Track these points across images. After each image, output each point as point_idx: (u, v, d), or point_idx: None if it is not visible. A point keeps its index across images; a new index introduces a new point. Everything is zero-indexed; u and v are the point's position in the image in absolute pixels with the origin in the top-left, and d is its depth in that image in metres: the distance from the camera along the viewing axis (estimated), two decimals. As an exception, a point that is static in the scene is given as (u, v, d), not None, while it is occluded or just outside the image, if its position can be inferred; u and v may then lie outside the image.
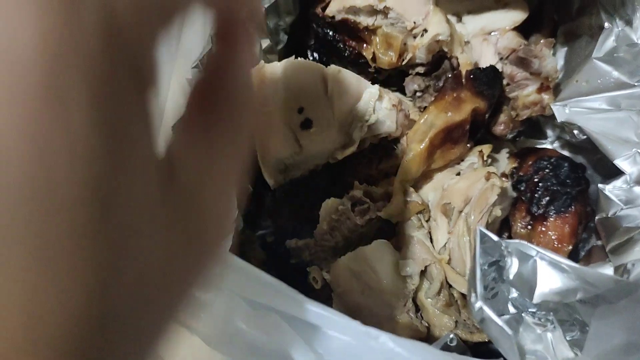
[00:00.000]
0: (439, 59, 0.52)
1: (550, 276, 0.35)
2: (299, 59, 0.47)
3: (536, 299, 0.36)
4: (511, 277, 0.35)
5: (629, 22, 0.47)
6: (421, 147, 0.47)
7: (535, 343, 0.35)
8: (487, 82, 0.50)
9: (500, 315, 0.35)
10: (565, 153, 0.55)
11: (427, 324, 0.45)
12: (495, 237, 0.35)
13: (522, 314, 0.37)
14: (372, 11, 0.51)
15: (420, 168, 0.48)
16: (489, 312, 0.32)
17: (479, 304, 0.33)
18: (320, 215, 0.48)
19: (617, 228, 0.44)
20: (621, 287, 0.34)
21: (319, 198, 0.50)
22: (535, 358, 0.34)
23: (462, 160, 0.50)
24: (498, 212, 0.45)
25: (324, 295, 0.48)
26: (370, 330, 0.32)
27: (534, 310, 0.37)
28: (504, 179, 0.47)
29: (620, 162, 0.45)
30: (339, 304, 0.47)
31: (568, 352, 0.35)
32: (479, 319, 0.34)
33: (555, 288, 0.36)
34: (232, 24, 0.24)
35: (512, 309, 0.38)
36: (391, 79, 0.56)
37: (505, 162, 0.53)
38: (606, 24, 0.49)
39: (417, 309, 0.46)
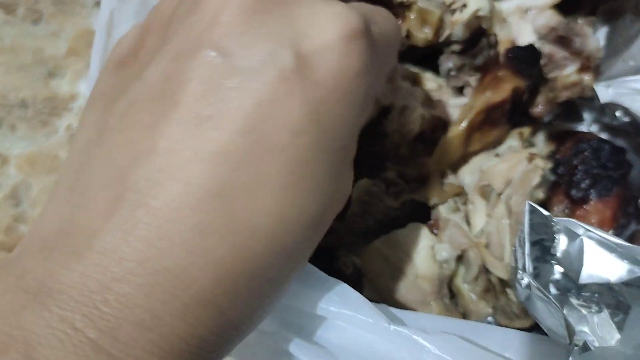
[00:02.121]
0: (476, 36, 0.53)
1: (598, 255, 0.37)
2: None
3: (582, 279, 0.37)
4: (559, 254, 0.37)
5: (678, -1, 0.48)
6: (460, 128, 0.48)
7: (580, 324, 0.36)
8: (527, 60, 0.51)
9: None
10: (604, 136, 0.56)
11: (462, 310, 0.47)
12: (545, 212, 0.36)
13: (567, 295, 0.38)
14: (409, -14, 0.52)
15: (459, 150, 0.49)
16: (537, 287, 0.34)
17: (526, 280, 0.34)
18: (351, 197, 0.49)
19: (663, 211, 0.46)
20: (672, 269, 0.35)
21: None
22: (581, 339, 0.35)
23: (500, 143, 0.52)
24: (540, 194, 0.46)
25: (354, 281, 0.49)
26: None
27: (578, 291, 0.38)
28: (546, 160, 0.48)
29: (667, 145, 0.47)
30: (369, 290, 0.49)
31: (615, 334, 0.36)
32: (524, 297, 0.35)
33: (602, 268, 0.37)
34: None
35: (554, 291, 0.39)
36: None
37: (541, 145, 0.55)
38: (653, 1, 0.50)
39: (452, 295, 0.48)
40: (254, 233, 0.24)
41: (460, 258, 0.46)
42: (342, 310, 0.35)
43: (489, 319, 0.45)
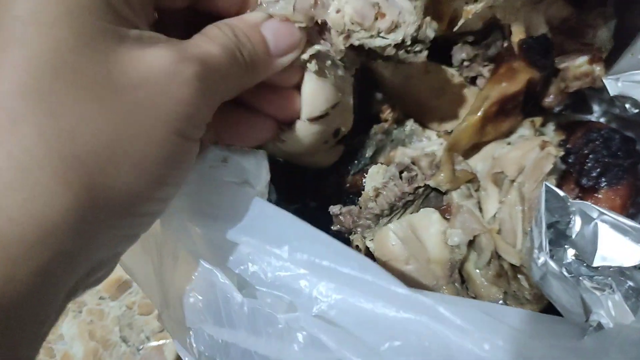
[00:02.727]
0: (489, 26, 0.53)
1: (612, 239, 0.37)
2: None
3: (595, 262, 0.37)
4: (574, 236, 0.37)
5: (688, -9, 0.48)
6: (475, 117, 0.48)
7: (594, 306, 0.36)
8: (541, 51, 0.51)
9: (559, 276, 0.36)
10: (613, 127, 0.56)
11: (474, 295, 0.47)
12: (561, 193, 0.36)
13: (579, 278, 0.38)
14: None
15: (472, 139, 0.49)
16: (554, 265, 0.34)
17: (543, 259, 0.34)
18: (366, 181, 0.49)
19: (673, 200, 0.46)
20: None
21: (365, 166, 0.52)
22: (596, 319, 0.35)
23: (512, 132, 0.52)
24: (552, 181, 0.46)
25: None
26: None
27: (591, 275, 0.38)
28: (558, 147, 0.48)
29: (677, 134, 0.47)
30: (382, 274, 0.48)
31: (630, 316, 0.36)
32: (539, 276, 0.35)
33: (616, 251, 0.37)
34: None
35: (567, 274, 0.39)
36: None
37: (552, 135, 0.55)
38: (663, -6, 0.50)
39: (463, 280, 0.48)
40: None
41: (472, 243, 0.46)
42: (362, 275, 0.35)
43: (500, 303, 0.45)
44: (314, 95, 0.44)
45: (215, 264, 0.39)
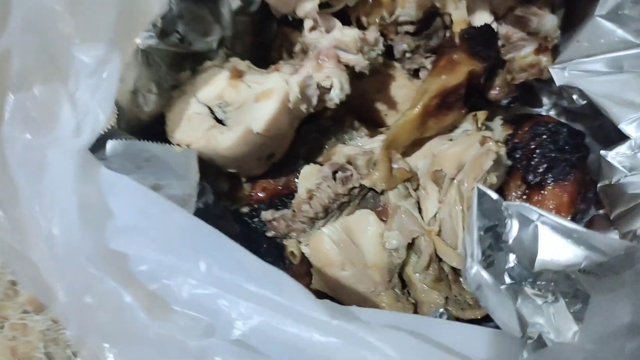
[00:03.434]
0: (430, 16, 0.50)
1: (553, 242, 0.33)
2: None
3: (537, 267, 0.34)
4: (510, 241, 0.33)
5: (634, -23, 0.45)
6: (414, 112, 0.45)
7: (535, 315, 0.33)
8: (483, 41, 0.48)
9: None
10: (562, 120, 0.53)
11: (414, 301, 0.43)
12: (494, 196, 0.33)
13: (521, 284, 0.35)
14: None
15: (412, 135, 0.45)
16: (487, 277, 0.30)
17: (475, 269, 0.31)
18: (298, 182, 0.45)
19: (622, 195, 0.43)
20: (631, 253, 0.32)
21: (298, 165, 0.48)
22: (536, 331, 0.32)
23: (455, 127, 0.48)
24: (494, 179, 0.43)
25: (303, 271, 0.45)
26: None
27: (533, 280, 0.35)
28: (499, 143, 0.44)
29: (625, 126, 0.44)
30: (319, 280, 0.45)
31: (572, 325, 0.33)
32: (474, 287, 0.32)
33: (557, 255, 0.34)
34: None
35: (508, 280, 0.35)
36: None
37: (499, 130, 0.51)
38: (609, -21, 0.47)
39: (404, 284, 0.44)
40: None
41: (411, 246, 0.43)
42: (282, 300, 0.31)
43: (441, 309, 0.42)
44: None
45: (122, 282, 0.34)
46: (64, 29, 0.39)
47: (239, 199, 0.50)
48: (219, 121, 0.46)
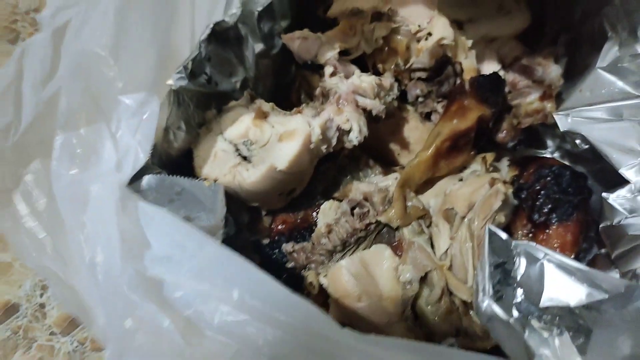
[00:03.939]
0: (442, 64, 0.53)
1: (558, 279, 0.36)
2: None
3: (542, 302, 0.36)
4: (518, 278, 0.35)
5: (632, 32, 0.48)
6: (427, 153, 0.47)
7: (541, 347, 0.35)
8: (491, 88, 0.51)
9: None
10: (565, 163, 0.56)
11: (426, 332, 0.45)
12: (504, 235, 0.35)
13: (528, 317, 0.37)
14: (377, 13, 0.52)
15: (425, 175, 0.48)
16: (498, 310, 0.33)
17: (487, 302, 0.33)
18: (318, 217, 0.48)
19: (622, 236, 0.45)
20: (631, 291, 0.34)
21: (316, 200, 0.50)
22: (542, 363, 0.34)
23: (465, 167, 0.51)
24: (502, 218, 0.45)
25: (320, 301, 0.47)
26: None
27: (540, 314, 0.37)
28: (507, 184, 0.47)
29: (625, 171, 0.46)
30: (335, 310, 0.47)
31: (576, 357, 0.35)
32: (486, 319, 0.34)
33: (562, 292, 0.36)
34: None
35: (516, 313, 0.38)
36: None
37: (505, 171, 0.54)
38: (609, 34, 0.50)
39: (416, 316, 0.46)
40: None
41: (423, 279, 0.45)
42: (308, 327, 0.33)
43: (452, 340, 0.44)
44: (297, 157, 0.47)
45: (160, 307, 0.37)
46: (108, 73, 0.42)
47: (259, 231, 0.52)
48: (244, 158, 0.49)
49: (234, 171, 0.48)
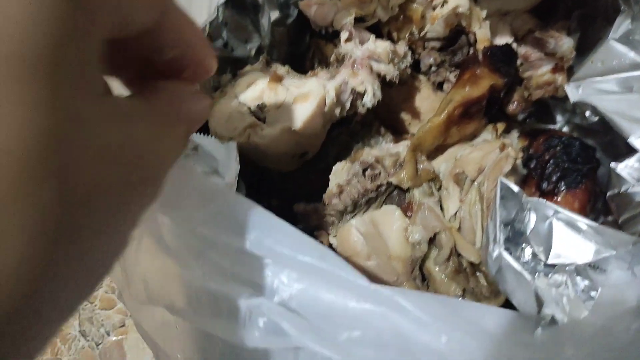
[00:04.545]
0: (456, 33, 0.53)
1: (567, 236, 0.36)
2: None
3: (551, 259, 0.37)
4: (528, 233, 0.36)
5: (645, 5, 0.49)
6: (439, 119, 0.48)
7: (549, 300, 0.36)
8: (504, 58, 0.51)
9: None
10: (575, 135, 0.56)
11: (433, 292, 0.46)
12: (515, 188, 0.36)
13: (535, 275, 0.38)
14: (392, -20, 0.52)
15: (436, 140, 0.49)
16: (509, 258, 0.33)
17: (498, 251, 0.34)
18: (330, 178, 0.49)
19: (629, 203, 0.46)
20: (638, 248, 0.35)
21: (329, 165, 0.51)
22: (550, 311, 0.35)
23: (476, 136, 0.52)
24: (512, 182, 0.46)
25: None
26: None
27: (547, 271, 0.38)
28: (517, 151, 0.48)
29: (634, 140, 0.47)
30: (344, 270, 0.48)
31: (583, 309, 0.35)
32: (495, 269, 0.35)
33: (570, 249, 0.37)
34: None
35: (521, 267, 0.38)
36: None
37: (515, 142, 0.55)
38: (622, 7, 0.50)
39: (424, 277, 0.47)
40: None
41: (432, 240, 0.46)
42: (323, 265, 0.34)
43: (459, 300, 0.44)
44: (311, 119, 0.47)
45: (178, 253, 0.38)
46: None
47: (269, 192, 0.53)
48: (259, 119, 0.49)
49: (249, 131, 0.48)
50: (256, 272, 0.35)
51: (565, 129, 0.59)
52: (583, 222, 0.36)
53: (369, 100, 0.48)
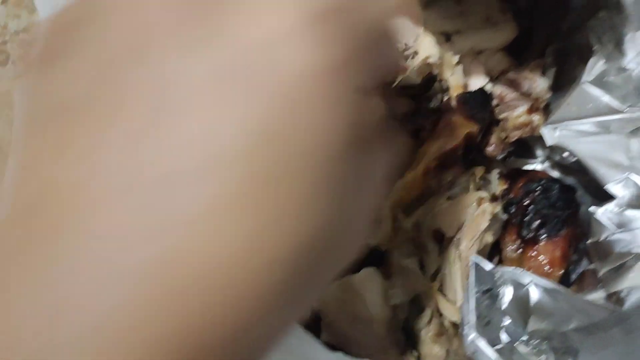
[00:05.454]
0: (428, 81, 0.53)
1: (544, 304, 0.36)
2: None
3: (530, 327, 0.37)
4: (504, 306, 0.36)
5: (617, 46, 0.48)
6: (416, 173, 0.48)
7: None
8: (477, 105, 0.51)
9: (493, 345, 0.36)
10: (556, 173, 0.56)
11: (417, 354, 0.46)
12: (488, 266, 0.36)
13: (515, 344, 0.37)
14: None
15: (414, 193, 0.48)
16: (482, 344, 0.33)
17: (471, 337, 0.34)
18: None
19: (609, 253, 0.45)
20: (614, 317, 0.34)
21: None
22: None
23: (454, 184, 0.51)
24: (489, 238, 0.46)
25: (312, 325, 0.48)
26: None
27: (527, 338, 0.37)
28: (495, 202, 0.47)
29: (611, 187, 0.46)
30: (327, 334, 0.47)
31: (563, 382, 0.35)
32: (471, 351, 0.34)
33: (549, 316, 0.36)
34: None
35: (504, 338, 0.38)
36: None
37: (496, 183, 0.54)
38: (595, 47, 0.50)
39: (407, 339, 0.47)
40: None
41: (413, 302, 0.45)
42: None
43: (443, 363, 0.44)
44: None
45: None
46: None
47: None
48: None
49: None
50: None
51: (546, 165, 0.58)
52: (559, 291, 0.36)
53: None
